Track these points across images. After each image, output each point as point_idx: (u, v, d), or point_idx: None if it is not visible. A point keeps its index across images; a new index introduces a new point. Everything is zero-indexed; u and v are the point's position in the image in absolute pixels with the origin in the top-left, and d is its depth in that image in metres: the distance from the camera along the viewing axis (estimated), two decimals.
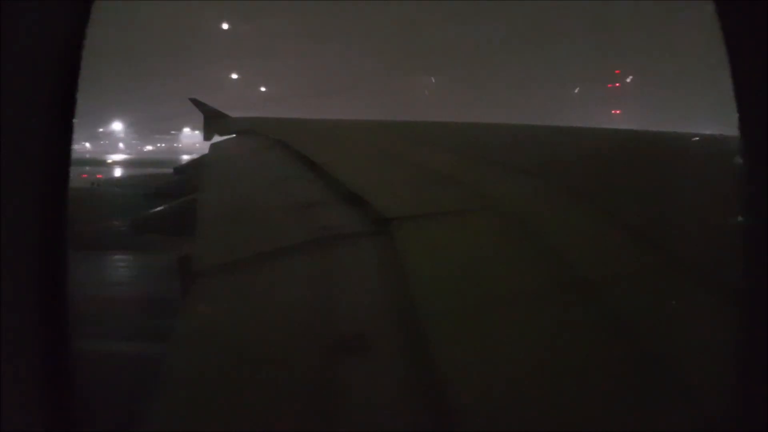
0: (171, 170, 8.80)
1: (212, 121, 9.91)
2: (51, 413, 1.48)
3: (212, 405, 1.62)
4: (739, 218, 1.78)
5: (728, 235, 2.08)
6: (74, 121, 1.58)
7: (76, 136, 1.59)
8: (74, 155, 1.57)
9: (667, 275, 2.12)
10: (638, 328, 1.78)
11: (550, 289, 2.06)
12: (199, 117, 10.47)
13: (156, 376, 1.70)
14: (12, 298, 1.45)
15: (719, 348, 1.64)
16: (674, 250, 2.27)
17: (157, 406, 1.59)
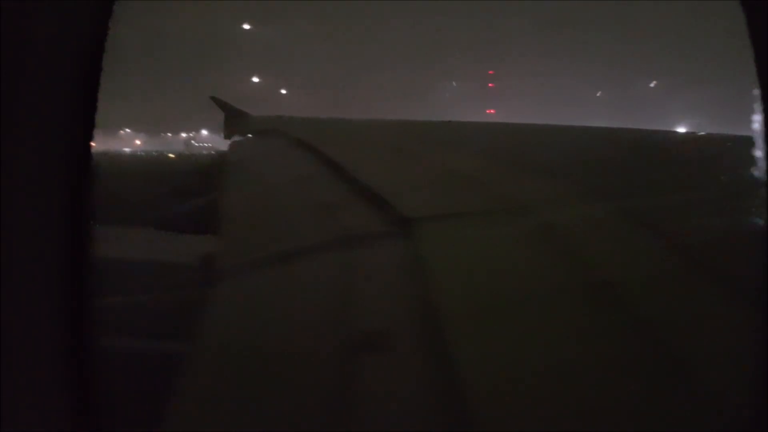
0: None
1: (233, 119, 9.95)
2: (72, 413, 1.49)
3: (235, 403, 1.63)
4: (762, 219, 1.76)
5: (755, 238, 2.06)
6: (95, 120, 1.59)
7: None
8: None
9: (691, 279, 2.10)
10: (661, 332, 1.77)
11: (572, 291, 2.05)
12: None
13: (179, 375, 1.71)
14: (33, 296, 1.47)
15: (743, 352, 1.62)
16: (699, 253, 2.24)
17: (180, 406, 1.60)
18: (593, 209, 2.87)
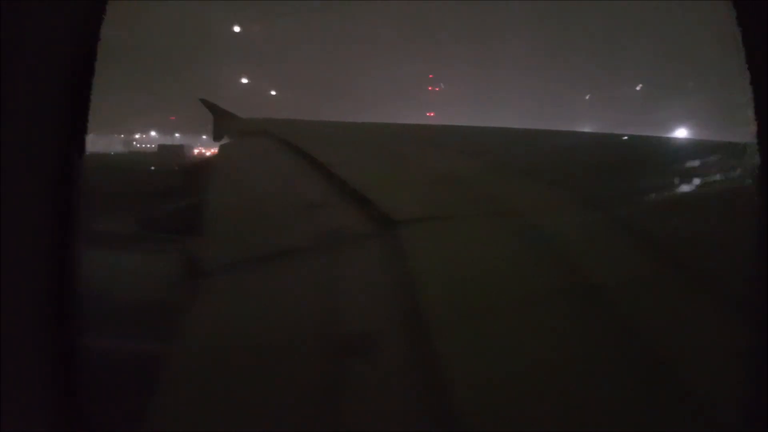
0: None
1: (222, 121, 9.93)
2: (57, 413, 1.48)
3: (217, 405, 1.61)
4: (753, 225, 1.77)
5: (741, 242, 2.07)
6: (88, 121, 1.58)
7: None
8: None
9: (676, 282, 2.11)
10: (646, 334, 1.77)
11: (557, 294, 2.05)
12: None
13: (161, 376, 1.70)
14: (20, 297, 1.45)
15: (728, 355, 1.63)
16: (684, 257, 2.25)
17: (161, 407, 1.59)
18: (581, 212, 2.88)
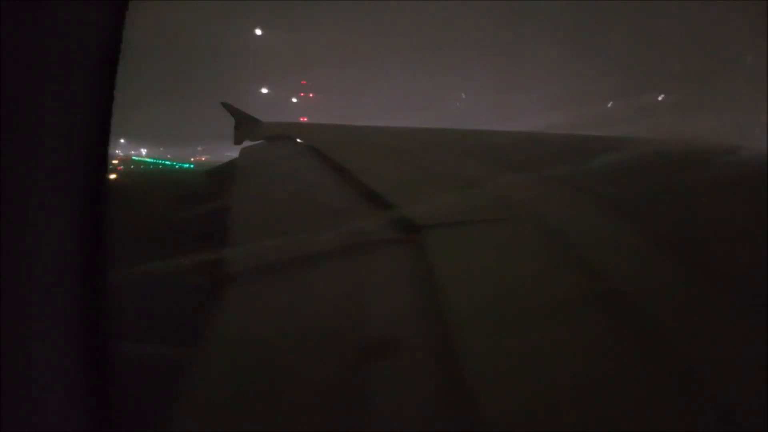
0: None
1: (243, 125, 9.99)
2: (86, 414, 1.50)
3: (242, 409, 1.63)
4: None
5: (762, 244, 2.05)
6: (111, 123, 1.60)
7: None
8: None
9: (699, 287, 2.08)
10: (671, 341, 1.76)
11: (582, 299, 2.04)
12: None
13: (187, 380, 1.72)
14: (50, 299, 1.47)
15: (753, 360, 1.61)
16: (707, 261, 2.23)
17: (186, 410, 1.60)
18: (605, 218, 2.85)
